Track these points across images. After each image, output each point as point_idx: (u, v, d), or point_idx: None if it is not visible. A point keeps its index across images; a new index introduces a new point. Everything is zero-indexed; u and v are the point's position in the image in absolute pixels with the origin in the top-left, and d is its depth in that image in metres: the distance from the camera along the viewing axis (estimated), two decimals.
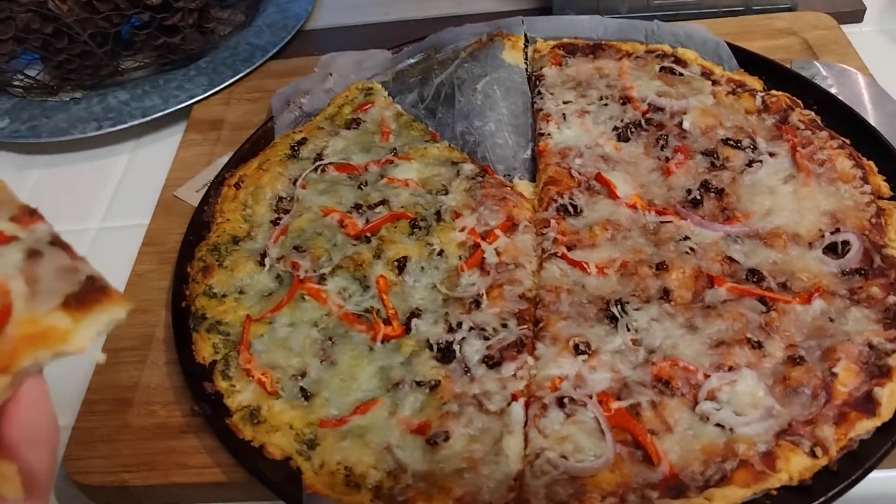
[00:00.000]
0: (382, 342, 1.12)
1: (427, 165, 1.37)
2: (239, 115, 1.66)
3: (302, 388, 1.07)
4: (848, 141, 1.28)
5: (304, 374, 1.09)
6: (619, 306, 1.10)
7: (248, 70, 1.76)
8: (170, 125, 1.70)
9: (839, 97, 1.36)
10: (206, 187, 1.42)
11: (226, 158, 1.47)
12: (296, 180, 1.38)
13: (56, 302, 0.57)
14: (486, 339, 1.09)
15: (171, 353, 1.19)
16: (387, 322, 1.14)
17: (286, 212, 1.34)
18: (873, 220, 1.16)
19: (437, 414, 1.02)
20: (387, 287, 1.18)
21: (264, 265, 1.25)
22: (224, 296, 1.22)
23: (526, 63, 1.58)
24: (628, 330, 1.07)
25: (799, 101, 1.37)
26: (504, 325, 1.11)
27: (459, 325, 1.11)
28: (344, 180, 1.37)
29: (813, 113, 1.35)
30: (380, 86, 1.57)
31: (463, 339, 1.09)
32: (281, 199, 1.36)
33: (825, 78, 1.46)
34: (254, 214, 1.34)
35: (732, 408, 0.97)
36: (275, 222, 1.33)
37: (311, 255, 1.24)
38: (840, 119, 1.33)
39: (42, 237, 0.63)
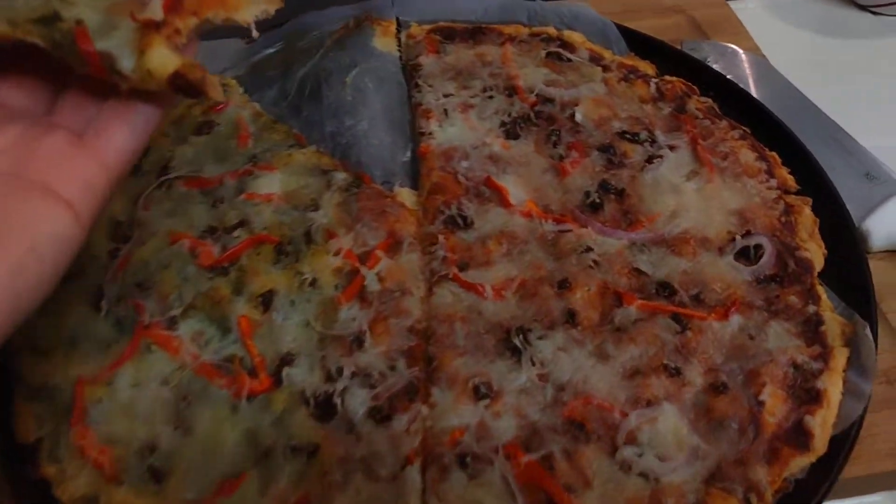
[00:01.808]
0: (248, 398, 0.94)
1: (292, 175, 1.18)
2: None
3: (151, 467, 0.88)
4: (748, 130, 1.20)
5: (153, 449, 0.90)
6: (520, 336, 0.96)
7: None
8: None
9: (735, 81, 1.27)
10: None
11: None
12: (137, 199, 1.16)
13: None
14: (372, 386, 0.93)
15: None
16: (252, 373, 0.96)
17: (126, 239, 1.11)
18: (783, 219, 1.07)
19: (318, 485, 0.86)
20: (251, 329, 1.00)
21: (100, 308, 1.03)
22: (50, 350, 1.00)
23: (399, 50, 1.41)
24: (533, 364, 0.94)
25: (695, 88, 1.27)
26: (392, 368, 0.95)
27: (340, 371, 0.94)
28: (195, 197, 1.16)
29: (710, 100, 1.25)
30: (234, 81, 1.36)
31: (345, 388, 0.93)
32: (119, 223, 1.13)
33: (718, 59, 1.38)
34: (84, 244, 1.11)
35: (655, 451, 0.86)
36: (113, 253, 1.10)
37: (157, 293, 1.04)
38: (737, 106, 1.25)
39: None
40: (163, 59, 0.66)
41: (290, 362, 0.96)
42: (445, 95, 1.28)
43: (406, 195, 1.19)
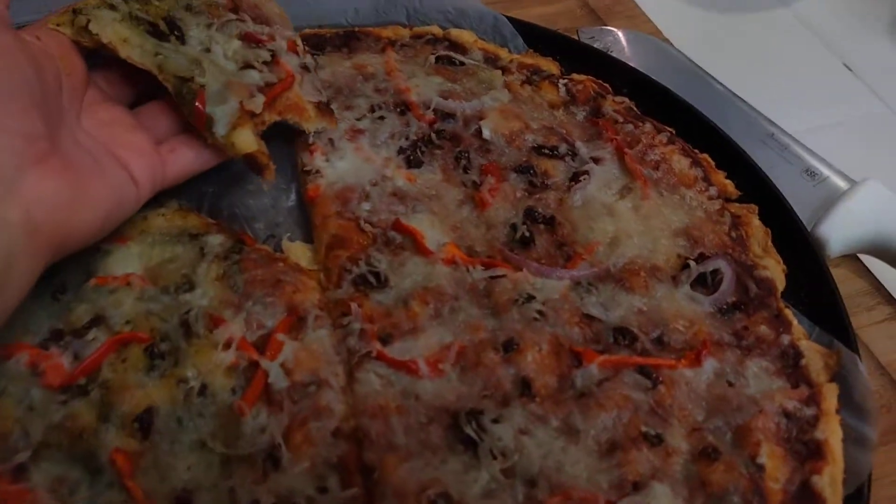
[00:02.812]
0: None
1: (153, 246, 0.94)
2: None
3: None
4: (673, 131, 1.08)
5: None
6: (472, 422, 0.79)
7: None
8: None
9: (650, 75, 1.15)
10: None
11: None
12: None
13: (314, 99, 1.02)
14: None
15: None
16: None
17: None
18: (732, 234, 0.97)
19: None
20: (130, 464, 0.77)
21: None
22: None
23: None
24: (494, 457, 0.77)
25: (607, 86, 1.14)
26: (322, 490, 0.76)
27: None
28: None
29: (626, 99, 1.12)
30: None
31: None
32: None
33: (619, 48, 1.25)
34: None
35: None
36: None
37: None
38: (654, 102, 1.13)
39: (311, 63, 1.07)
40: (246, 139, 0.92)
41: (188, 502, 0.75)
42: None
43: (299, 252, 0.98)
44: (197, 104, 0.90)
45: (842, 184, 1.08)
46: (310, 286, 0.92)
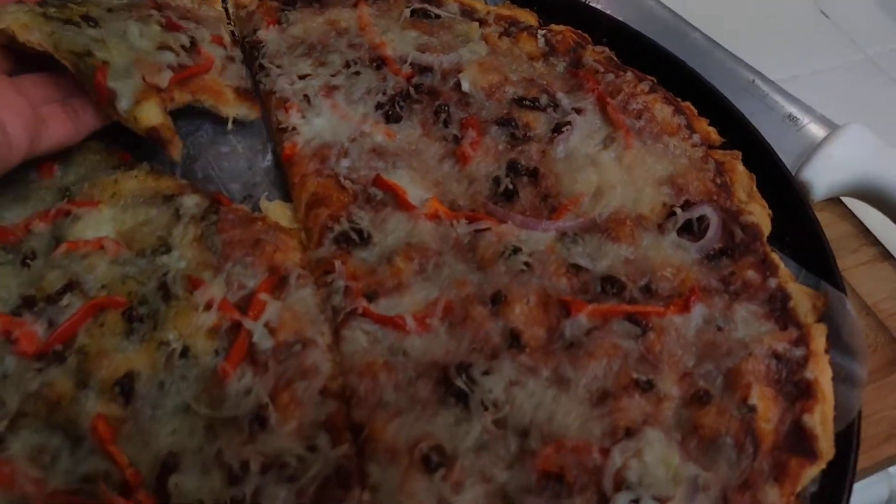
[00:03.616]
0: None
1: (126, 209, 0.92)
2: None
3: None
4: (655, 80, 1.07)
5: None
6: (462, 374, 0.78)
7: None
8: None
9: (629, 24, 1.13)
10: None
11: None
12: None
13: (235, 85, 1.03)
14: (292, 478, 0.73)
15: None
16: (126, 492, 0.72)
17: None
18: (717, 181, 0.96)
19: None
20: (111, 431, 0.75)
21: None
22: None
23: (230, 24, 1.15)
24: (485, 408, 0.76)
25: (587, 36, 1.12)
26: (312, 449, 0.75)
27: (245, 466, 0.73)
28: None
29: (606, 48, 1.10)
30: None
31: (257, 489, 0.72)
32: None
33: None
34: None
35: (650, 491, 0.72)
36: None
37: None
38: (633, 51, 1.11)
39: (239, 56, 1.08)
40: (149, 113, 0.91)
41: (174, 467, 0.74)
42: (301, 77, 1.05)
43: (278, 211, 0.96)
44: (98, 78, 0.89)
45: (824, 129, 1.07)
46: (291, 245, 0.90)
